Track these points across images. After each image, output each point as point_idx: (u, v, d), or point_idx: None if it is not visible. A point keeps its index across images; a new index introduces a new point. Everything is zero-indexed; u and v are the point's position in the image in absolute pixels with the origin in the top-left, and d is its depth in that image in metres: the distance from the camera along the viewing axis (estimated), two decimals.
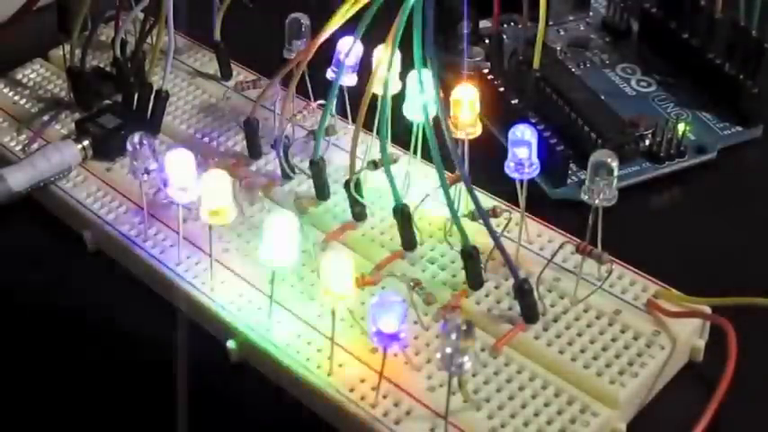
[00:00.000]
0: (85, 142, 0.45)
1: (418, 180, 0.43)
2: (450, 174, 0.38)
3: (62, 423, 0.38)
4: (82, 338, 0.40)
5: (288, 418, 0.37)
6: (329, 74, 0.43)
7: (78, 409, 0.38)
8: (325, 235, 0.41)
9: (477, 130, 0.40)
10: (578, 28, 0.54)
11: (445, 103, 0.38)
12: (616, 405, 0.35)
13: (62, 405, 0.38)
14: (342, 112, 0.45)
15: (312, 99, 0.46)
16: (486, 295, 0.38)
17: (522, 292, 0.37)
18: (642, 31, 0.53)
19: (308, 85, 0.45)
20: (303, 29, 0.44)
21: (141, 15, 0.47)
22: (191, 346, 0.39)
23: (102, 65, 0.50)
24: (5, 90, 0.51)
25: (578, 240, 0.38)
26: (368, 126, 0.41)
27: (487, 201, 0.41)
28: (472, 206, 0.37)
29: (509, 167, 0.38)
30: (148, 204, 0.42)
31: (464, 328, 0.31)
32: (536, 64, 0.47)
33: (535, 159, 0.37)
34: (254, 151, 0.45)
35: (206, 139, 0.47)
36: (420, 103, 0.37)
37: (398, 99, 0.41)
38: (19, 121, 0.48)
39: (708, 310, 0.37)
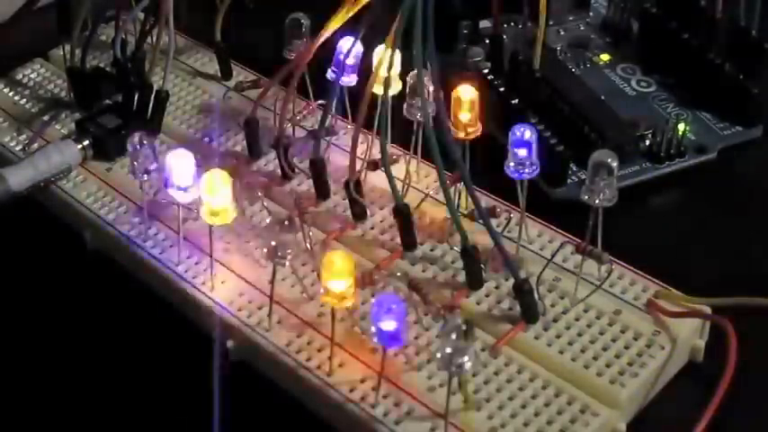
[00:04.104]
0: (86, 142, 0.45)
1: (418, 180, 0.43)
2: (450, 174, 0.38)
3: (62, 423, 0.38)
4: (82, 338, 0.40)
5: (288, 418, 0.37)
6: (329, 74, 0.43)
7: (78, 409, 0.38)
8: (326, 235, 0.41)
9: (477, 130, 0.40)
10: (578, 28, 0.54)
11: (445, 103, 0.38)
12: (616, 405, 0.35)
13: (61, 405, 0.38)
14: (342, 112, 0.45)
15: (312, 99, 0.46)
16: (487, 295, 0.38)
17: (523, 292, 0.37)
18: (642, 31, 0.53)
19: (308, 86, 0.45)
20: (303, 29, 0.44)
21: (141, 15, 0.47)
22: (191, 346, 0.39)
23: (102, 65, 0.50)
24: (6, 90, 0.51)
25: (578, 240, 0.38)
26: (368, 126, 0.41)
27: (488, 201, 0.41)
28: (472, 206, 0.37)
29: (509, 167, 0.38)
30: (148, 204, 0.42)
31: (463, 327, 0.31)
32: (536, 64, 0.47)
33: (535, 159, 0.37)
34: (255, 151, 0.45)
35: (206, 139, 0.47)
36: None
37: (398, 99, 0.41)
38: (19, 120, 0.49)
39: (708, 310, 0.37)
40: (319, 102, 0.45)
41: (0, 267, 0.44)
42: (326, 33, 0.40)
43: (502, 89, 0.47)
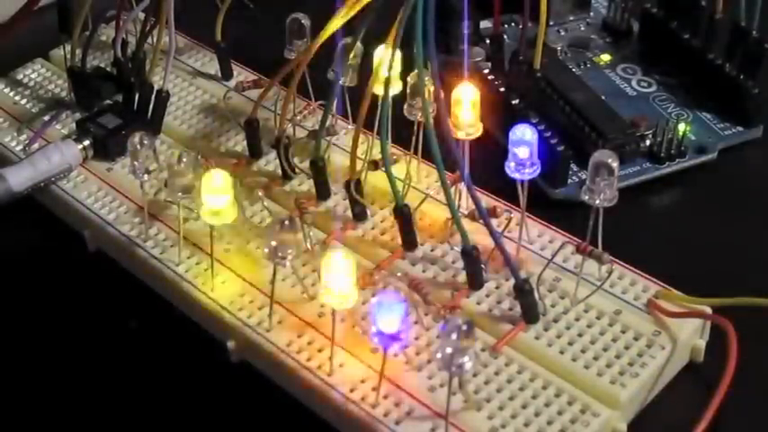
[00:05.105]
0: (86, 142, 0.45)
1: (419, 180, 0.43)
2: (450, 174, 0.38)
3: (62, 423, 0.38)
4: (82, 338, 0.40)
5: (288, 418, 0.37)
6: (330, 74, 0.43)
7: (78, 409, 0.38)
8: (326, 235, 0.41)
9: (477, 130, 0.40)
10: (579, 28, 0.54)
11: (446, 103, 0.38)
12: (617, 405, 0.35)
13: (61, 405, 0.38)
14: (342, 112, 0.45)
15: (313, 99, 0.46)
16: (487, 295, 0.38)
17: (523, 292, 0.37)
18: (643, 31, 0.53)
19: (309, 86, 0.45)
20: (304, 29, 0.44)
21: (142, 15, 0.47)
22: (191, 346, 0.39)
23: (102, 65, 0.50)
24: (6, 90, 0.51)
25: (579, 240, 0.38)
26: (368, 126, 0.41)
27: (488, 201, 0.41)
28: (473, 206, 0.37)
29: (509, 168, 0.38)
30: (149, 204, 0.42)
31: (464, 328, 0.31)
32: (537, 64, 0.47)
33: (536, 159, 0.37)
34: (255, 151, 0.45)
35: (206, 139, 0.47)
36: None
37: (399, 99, 0.41)
38: (20, 121, 0.49)
39: (708, 310, 0.37)
40: (320, 102, 0.45)
41: (0, 267, 0.44)
42: (327, 33, 0.40)
43: (502, 89, 0.47)
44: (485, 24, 0.52)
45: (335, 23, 0.40)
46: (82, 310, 0.41)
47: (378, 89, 0.39)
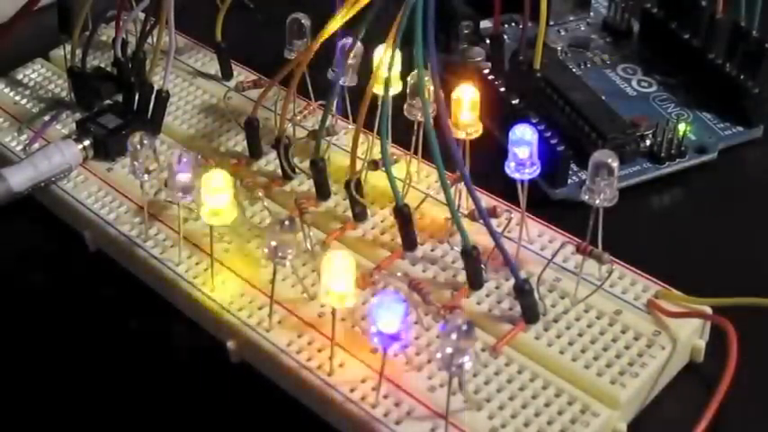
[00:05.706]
0: (86, 142, 0.45)
1: (419, 180, 0.43)
2: (450, 174, 0.38)
3: (62, 423, 0.38)
4: (82, 338, 0.40)
5: (288, 418, 0.37)
6: (330, 74, 0.43)
7: (78, 409, 0.38)
8: (326, 235, 0.41)
9: (477, 130, 0.40)
10: (579, 28, 0.54)
11: (446, 103, 0.38)
12: (617, 405, 0.35)
13: (62, 405, 0.38)
14: (342, 112, 0.45)
15: (313, 99, 0.46)
16: (487, 295, 0.38)
17: (523, 292, 0.37)
18: (643, 31, 0.53)
19: (309, 86, 0.45)
20: (304, 29, 0.44)
21: (142, 15, 0.47)
22: (191, 346, 0.39)
23: (102, 65, 0.50)
24: (6, 90, 0.51)
25: (579, 240, 0.38)
26: (368, 126, 0.41)
27: (488, 201, 0.41)
28: (473, 206, 0.37)
29: (509, 168, 0.38)
30: (149, 204, 0.42)
31: (464, 328, 0.31)
32: (537, 64, 0.47)
33: (536, 160, 0.37)
34: (255, 151, 0.45)
35: (206, 139, 0.47)
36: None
37: (399, 99, 0.41)
38: (20, 121, 0.49)
39: (708, 310, 0.37)
40: (320, 102, 0.45)
41: (0, 267, 0.44)
42: (327, 33, 0.40)
43: (502, 89, 0.47)
44: (485, 24, 0.52)
45: (335, 23, 0.40)
46: (82, 310, 0.41)
47: (378, 89, 0.39)
